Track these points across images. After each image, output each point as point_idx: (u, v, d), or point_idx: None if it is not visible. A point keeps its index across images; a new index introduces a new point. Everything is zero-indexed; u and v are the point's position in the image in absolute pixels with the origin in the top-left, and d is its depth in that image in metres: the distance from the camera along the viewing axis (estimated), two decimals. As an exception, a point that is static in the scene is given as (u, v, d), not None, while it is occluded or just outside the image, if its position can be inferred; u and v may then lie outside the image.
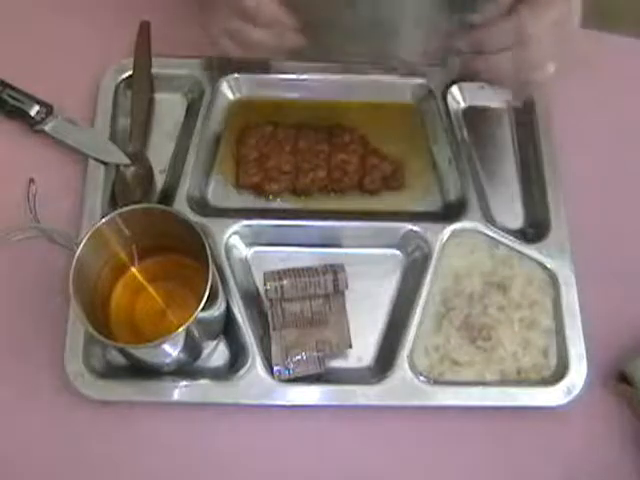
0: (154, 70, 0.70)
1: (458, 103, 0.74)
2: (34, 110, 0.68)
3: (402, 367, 0.61)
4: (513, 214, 0.70)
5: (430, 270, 0.64)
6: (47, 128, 0.68)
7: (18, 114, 0.68)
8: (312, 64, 0.72)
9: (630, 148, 0.74)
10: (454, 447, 0.61)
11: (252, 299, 0.64)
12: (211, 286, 0.52)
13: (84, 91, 0.71)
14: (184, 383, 0.60)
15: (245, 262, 0.66)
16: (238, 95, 0.73)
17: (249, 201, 0.69)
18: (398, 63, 0.62)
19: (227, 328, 0.62)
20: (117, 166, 0.67)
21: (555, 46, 0.55)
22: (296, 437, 0.61)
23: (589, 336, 0.63)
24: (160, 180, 0.68)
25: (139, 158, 0.68)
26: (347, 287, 0.64)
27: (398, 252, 0.68)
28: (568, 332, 0.63)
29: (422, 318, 0.63)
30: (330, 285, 0.64)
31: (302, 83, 0.72)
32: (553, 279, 0.65)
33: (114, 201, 0.66)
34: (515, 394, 0.61)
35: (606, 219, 0.70)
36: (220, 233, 0.64)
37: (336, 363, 0.63)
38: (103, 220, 0.55)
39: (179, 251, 0.59)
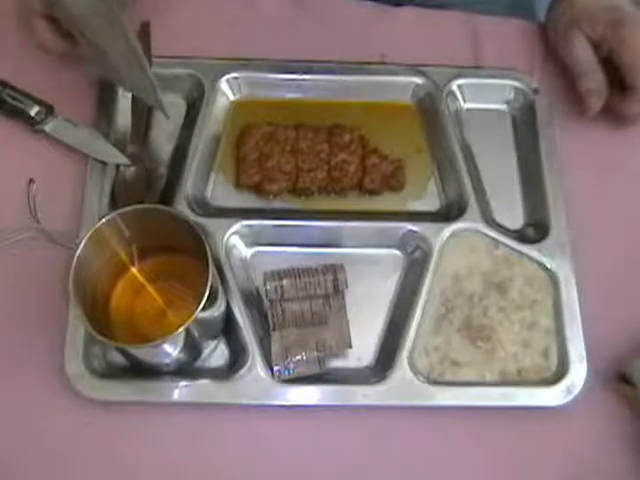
0: (154, 70, 0.70)
1: (458, 103, 0.74)
2: (34, 110, 0.68)
3: (402, 367, 0.61)
4: (513, 214, 0.70)
5: (430, 270, 0.64)
6: (47, 128, 0.68)
7: (18, 114, 0.68)
8: (312, 64, 0.72)
9: (630, 147, 0.74)
10: (454, 447, 0.61)
11: (252, 299, 0.64)
12: (211, 286, 0.52)
13: (84, 91, 0.71)
14: (184, 383, 0.60)
15: (245, 262, 0.66)
16: (238, 95, 0.73)
17: (249, 201, 0.69)
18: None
19: (227, 328, 0.62)
20: (117, 166, 0.67)
21: None
22: (296, 437, 0.61)
23: (589, 336, 0.63)
24: (160, 180, 0.68)
25: (139, 158, 0.68)
26: (347, 287, 0.64)
27: (398, 252, 0.68)
28: (568, 332, 0.63)
29: (422, 318, 0.63)
30: (330, 285, 0.64)
31: (302, 83, 0.72)
32: (553, 279, 0.65)
33: (114, 201, 0.66)
34: (515, 394, 0.61)
35: (606, 219, 0.70)
36: (220, 233, 0.64)
37: (336, 363, 0.63)
38: (103, 220, 0.55)
39: (179, 251, 0.59)
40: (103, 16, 0.55)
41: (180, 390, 0.59)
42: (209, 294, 0.52)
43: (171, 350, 0.56)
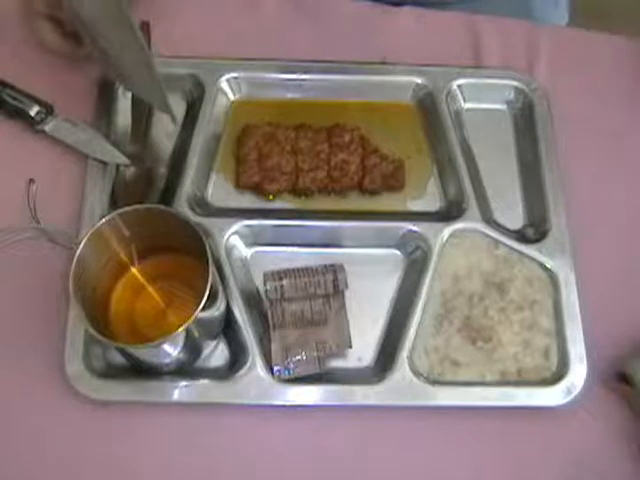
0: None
1: (458, 103, 0.74)
2: (34, 110, 0.67)
3: (402, 367, 0.61)
4: (513, 214, 0.70)
5: (430, 270, 0.64)
6: (47, 128, 0.68)
7: (18, 114, 0.68)
8: (312, 64, 0.72)
9: (630, 147, 0.74)
10: (454, 447, 0.61)
11: (252, 299, 0.64)
12: (211, 286, 0.52)
13: (84, 91, 0.70)
14: (184, 383, 0.60)
15: (245, 262, 0.66)
16: (238, 95, 0.73)
17: (249, 201, 0.69)
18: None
19: (227, 328, 0.62)
20: (117, 166, 0.67)
21: None
22: (296, 437, 0.61)
23: (589, 336, 0.63)
24: (160, 180, 0.68)
25: (139, 158, 0.68)
26: (347, 287, 0.64)
27: (398, 252, 0.68)
28: (568, 332, 0.63)
29: (422, 318, 0.63)
30: (330, 285, 0.64)
31: (302, 83, 0.72)
32: (553, 279, 0.65)
33: (114, 201, 0.66)
34: (515, 394, 0.61)
35: (606, 219, 0.70)
36: (220, 233, 0.64)
37: (336, 363, 0.63)
38: (103, 220, 0.54)
39: (179, 251, 0.59)
40: (114, 18, 0.55)
41: (180, 390, 0.59)
42: (209, 294, 0.52)
43: (171, 350, 0.56)
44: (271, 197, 0.68)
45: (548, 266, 0.65)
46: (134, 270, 0.60)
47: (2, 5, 0.74)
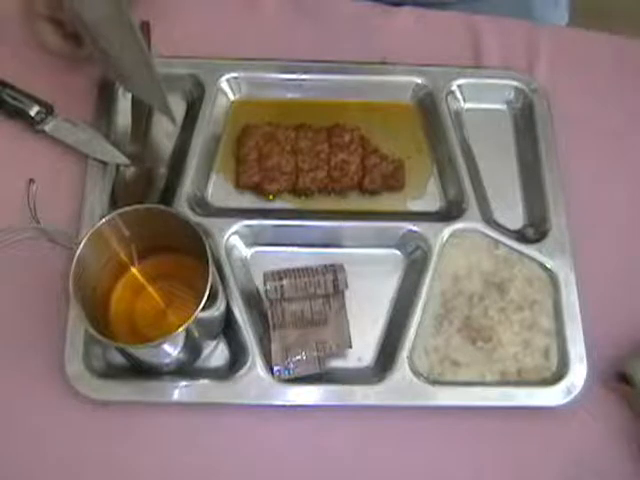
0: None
1: (458, 103, 0.74)
2: (34, 110, 0.68)
3: (402, 367, 0.61)
4: (513, 214, 0.70)
5: (430, 270, 0.64)
6: (47, 128, 0.68)
7: (18, 114, 0.68)
8: (312, 64, 0.73)
9: (630, 147, 0.74)
10: (454, 447, 0.61)
11: (252, 299, 0.64)
12: (211, 286, 0.52)
13: (84, 91, 0.71)
14: (184, 383, 0.60)
15: (245, 262, 0.66)
16: (238, 95, 0.73)
17: (249, 201, 0.69)
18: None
19: (227, 328, 0.62)
20: (117, 166, 0.67)
21: None
22: (296, 437, 0.61)
23: (589, 336, 0.63)
24: (160, 180, 0.68)
25: (139, 158, 0.68)
26: (347, 287, 0.64)
27: (398, 252, 0.68)
28: (568, 332, 0.63)
29: (422, 318, 0.63)
30: (330, 285, 0.64)
31: (302, 83, 0.72)
32: (553, 279, 0.65)
33: (114, 201, 0.66)
34: (515, 394, 0.61)
35: (606, 219, 0.70)
36: (220, 233, 0.64)
37: (336, 363, 0.63)
38: (103, 220, 0.55)
39: (179, 251, 0.59)
40: (114, 19, 0.55)
41: (180, 390, 0.59)
42: (209, 294, 0.52)
43: (171, 350, 0.56)
44: (271, 197, 0.68)
45: (548, 266, 0.65)
46: (134, 270, 0.60)
47: (3, 6, 0.74)
